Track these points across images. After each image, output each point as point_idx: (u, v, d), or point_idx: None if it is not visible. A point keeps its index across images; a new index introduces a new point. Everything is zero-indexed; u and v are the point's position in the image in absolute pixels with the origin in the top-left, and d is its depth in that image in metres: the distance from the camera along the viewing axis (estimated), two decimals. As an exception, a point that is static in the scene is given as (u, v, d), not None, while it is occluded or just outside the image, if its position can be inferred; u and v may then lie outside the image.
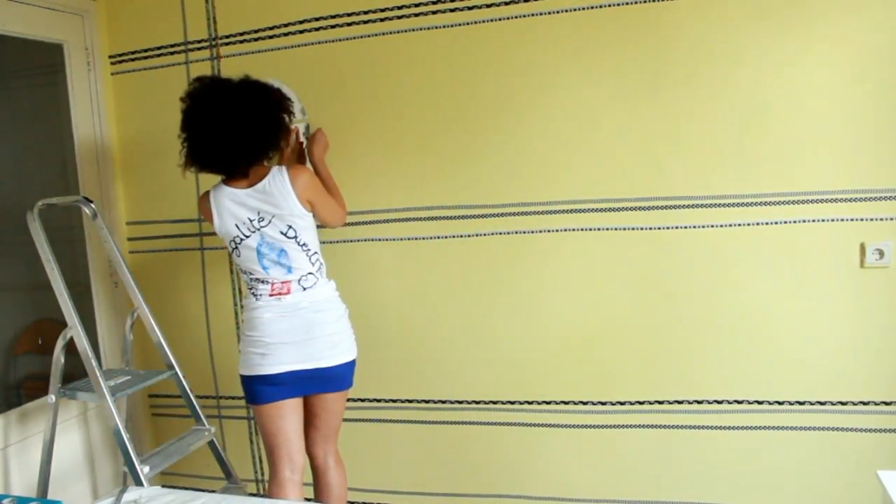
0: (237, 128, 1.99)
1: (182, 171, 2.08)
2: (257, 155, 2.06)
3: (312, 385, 2.14)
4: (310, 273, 2.13)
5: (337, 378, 2.17)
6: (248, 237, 2.09)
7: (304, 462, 2.23)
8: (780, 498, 2.28)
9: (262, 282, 2.12)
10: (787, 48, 2.09)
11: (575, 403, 2.41)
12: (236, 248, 2.12)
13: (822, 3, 2.05)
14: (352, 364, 2.20)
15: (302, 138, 2.50)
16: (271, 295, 2.11)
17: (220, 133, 1.99)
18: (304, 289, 2.12)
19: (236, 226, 2.09)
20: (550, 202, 2.33)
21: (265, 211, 2.06)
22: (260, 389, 2.12)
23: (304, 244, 2.11)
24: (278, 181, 2.05)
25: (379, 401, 2.62)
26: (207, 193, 2.14)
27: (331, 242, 2.54)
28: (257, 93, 2.06)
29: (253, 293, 2.14)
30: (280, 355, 2.08)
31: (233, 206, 2.08)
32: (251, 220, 2.08)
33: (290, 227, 2.08)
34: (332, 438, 2.27)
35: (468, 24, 2.32)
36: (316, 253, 2.16)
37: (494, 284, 2.42)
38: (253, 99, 2.04)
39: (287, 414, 2.15)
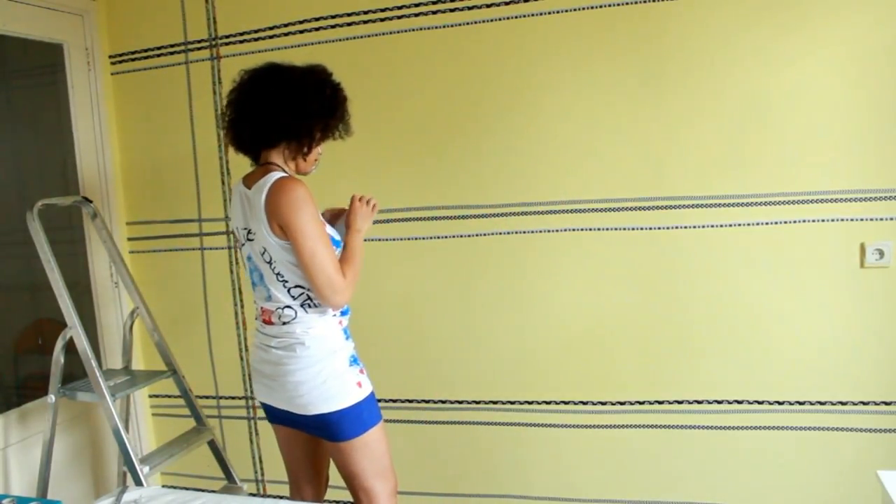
0: (257, 106, 1.74)
1: (229, 148, 1.89)
2: (264, 135, 1.76)
3: (301, 426, 1.87)
4: (287, 306, 1.77)
5: (319, 427, 1.81)
6: (242, 245, 1.84)
7: (324, 485, 2.09)
8: (780, 498, 2.28)
9: (255, 300, 1.90)
10: (787, 48, 2.09)
11: (575, 403, 2.41)
12: (240, 249, 1.90)
13: (821, 4, 2.05)
14: (336, 416, 1.76)
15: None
16: (261, 319, 1.86)
17: (241, 105, 1.77)
18: (283, 323, 1.78)
19: (236, 228, 1.86)
20: (550, 202, 2.33)
21: (249, 223, 1.77)
22: (263, 409, 1.97)
23: (279, 274, 1.75)
24: (262, 188, 1.71)
25: (379, 401, 2.61)
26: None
27: (331, 242, 2.54)
28: (302, 76, 1.78)
29: (255, 308, 1.91)
30: (260, 387, 1.90)
31: (237, 205, 1.83)
32: (244, 230, 1.80)
33: (265, 250, 1.74)
34: (362, 494, 1.86)
35: (468, 24, 2.32)
36: (299, 287, 1.76)
37: (494, 284, 2.42)
38: (295, 79, 1.76)
39: (286, 439, 1.97)
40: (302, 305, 1.77)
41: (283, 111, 1.73)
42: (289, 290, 1.77)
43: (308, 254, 1.68)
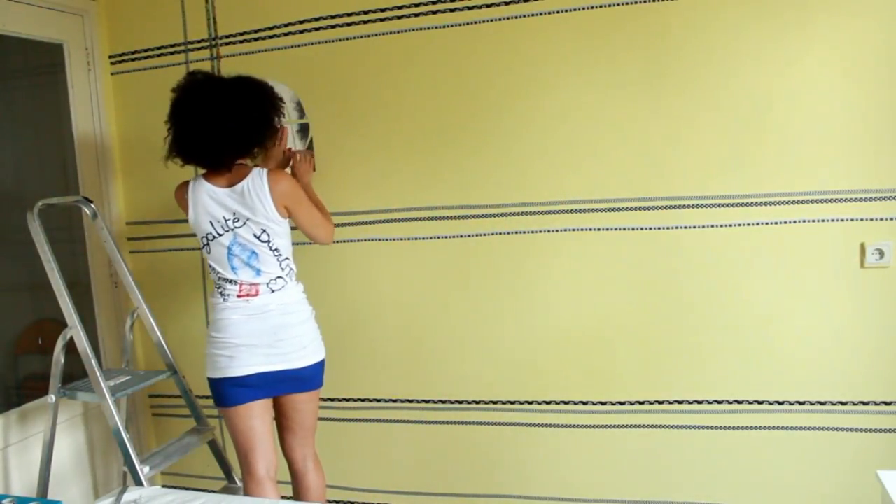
0: (222, 120, 1.96)
1: (164, 160, 2.07)
2: (241, 150, 2.04)
3: (282, 386, 2.12)
4: (279, 277, 2.11)
5: (307, 378, 2.15)
6: (220, 235, 2.07)
7: (278, 463, 2.20)
8: (780, 498, 2.28)
9: (230, 282, 2.10)
10: (788, 48, 2.09)
11: (575, 403, 2.41)
12: (208, 244, 2.10)
13: (822, 4, 2.05)
14: (321, 365, 2.18)
15: (292, 143, 2.50)
16: (239, 296, 2.09)
17: (206, 125, 1.97)
18: (273, 291, 2.10)
19: (210, 223, 2.07)
20: (551, 202, 2.33)
21: (241, 213, 2.04)
22: (229, 391, 2.10)
23: (275, 249, 2.09)
24: (257, 184, 2.02)
25: (379, 401, 2.62)
26: (186, 183, 2.12)
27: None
28: (247, 88, 2.05)
29: (220, 293, 2.11)
30: (248, 357, 2.06)
31: (210, 202, 2.06)
32: (226, 220, 2.05)
33: (263, 230, 2.06)
34: (309, 440, 2.25)
35: (468, 24, 2.32)
36: (287, 259, 2.13)
37: (494, 284, 2.42)
38: (242, 93, 2.02)
39: (258, 414, 2.13)
40: (288, 275, 2.14)
41: (252, 123, 2.03)
42: (280, 263, 2.11)
43: (312, 219, 2.15)
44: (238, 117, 1.99)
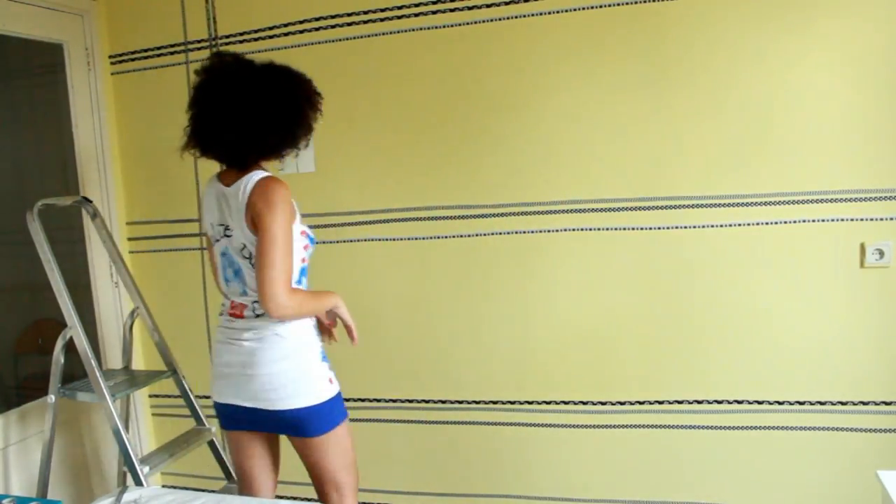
0: (248, 112, 1.70)
1: (180, 151, 1.81)
2: (265, 148, 1.76)
3: (268, 425, 1.84)
4: None
5: (292, 424, 1.80)
6: (217, 241, 1.83)
7: (273, 489, 2.05)
8: (780, 498, 2.28)
9: (224, 295, 1.88)
10: (788, 49, 2.09)
11: (575, 403, 2.41)
12: (210, 246, 1.90)
13: (822, 5, 2.05)
14: (310, 411, 1.77)
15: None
16: (229, 314, 1.84)
17: (227, 114, 1.70)
18: (257, 315, 1.78)
19: (210, 225, 1.85)
20: (550, 202, 2.33)
21: (225, 220, 1.78)
22: (217, 412, 1.91)
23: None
24: (241, 189, 1.71)
25: (379, 401, 2.62)
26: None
27: (330, 242, 2.54)
28: (280, 76, 1.76)
29: (221, 305, 1.90)
30: (223, 385, 1.84)
31: (211, 202, 1.82)
32: (219, 226, 1.80)
33: (244, 245, 1.75)
34: (332, 489, 1.88)
35: (468, 24, 2.32)
36: None
37: (494, 284, 2.42)
38: (274, 82, 1.74)
39: (244, 446, 1.92)
40: None
41: (282, 119, 1.74)
42: None
43: (264, 250, 1.66)
44: (265, 109, 1.70)
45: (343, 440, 1.86)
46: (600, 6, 2.19)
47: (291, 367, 1.77)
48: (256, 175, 1.73)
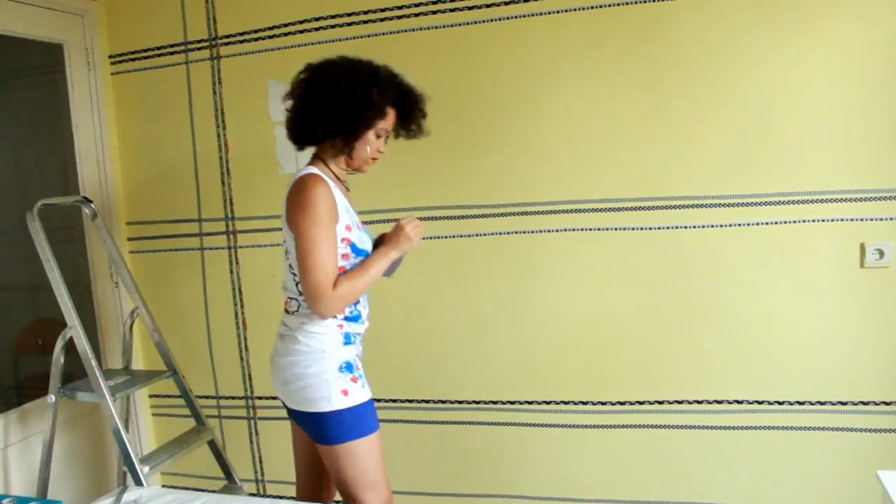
0: (306, 97, 1.74)
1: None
2: (307, 130, 1.76)
3: (292, 415, 1.88)
4: (293, 298, 1.80)
5: (306, 424, 1.81)
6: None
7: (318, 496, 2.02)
8: (780, 498, 2.28)
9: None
10: (788, 49, 2.09)
11: (575, 403, 2.41)
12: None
13: (822, 5, 2.05)
14: (320, 418, 1.74)
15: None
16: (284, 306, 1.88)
17: (290, 98, 1.78)
18: (288, 312, 1.82)
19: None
20: (550, 202, 2.33)
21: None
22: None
23: (290, 266, 1.78)
24: (290, 183, 1.74)
25: (379, 401, 2.61)
26: None
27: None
28: (342, 67, 1.75)
29: None
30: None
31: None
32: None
33: (285, 240, 1.78)
34: (348, 499, 1.82)
35: (468, 24, 2.32)
36: None
37: (494, 284, 2.42)
38: (337, 69, 1.74)
39: (292, 435, 1.98)
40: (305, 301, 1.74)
41: (318, 108, 1.72)
42: (297, 284, 1.76)
43: (302, 254, 1.65)
44: (319, 95, 1.71)
45: (360, 458, 1.78)
46: (600, 6, 2.19)
47: (300, 370, 1.76)
48: (302, 171, 1.74)
